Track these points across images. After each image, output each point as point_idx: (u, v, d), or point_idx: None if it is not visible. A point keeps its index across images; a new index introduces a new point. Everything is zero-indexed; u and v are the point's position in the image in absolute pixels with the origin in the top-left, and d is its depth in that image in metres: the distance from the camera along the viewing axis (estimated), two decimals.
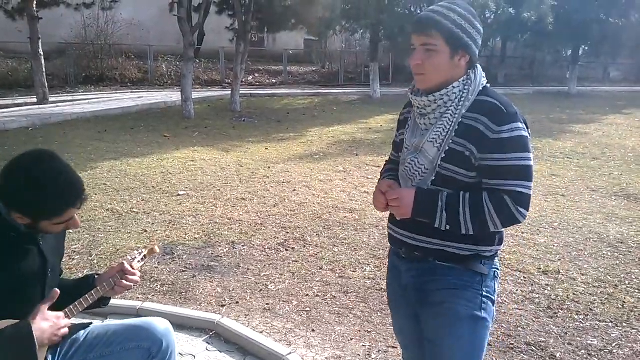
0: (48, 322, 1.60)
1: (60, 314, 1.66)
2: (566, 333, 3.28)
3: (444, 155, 1.68)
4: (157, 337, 1.93)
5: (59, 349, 1.86)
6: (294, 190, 6.60)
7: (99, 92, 17.07)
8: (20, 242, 1.63)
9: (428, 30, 1.66)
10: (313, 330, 3.29)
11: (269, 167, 7.85)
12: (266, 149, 9.38)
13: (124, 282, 1.87)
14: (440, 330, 1.76)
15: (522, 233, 5.09)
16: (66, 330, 1.66)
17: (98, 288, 1.82)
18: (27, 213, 1.59)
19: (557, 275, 4.14)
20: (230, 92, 14.59)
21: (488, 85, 1.75)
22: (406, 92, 1.85)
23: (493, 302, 1.79)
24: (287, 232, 5.07)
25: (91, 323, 1.98)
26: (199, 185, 6.69)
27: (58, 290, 1.69)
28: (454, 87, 1.69)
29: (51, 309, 1.66)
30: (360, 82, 22.03)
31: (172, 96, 15.42)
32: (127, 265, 1.90)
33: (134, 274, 1.90)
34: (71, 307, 1.74)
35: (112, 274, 1.90)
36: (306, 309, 3.57)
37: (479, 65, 1.74)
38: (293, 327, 3.33)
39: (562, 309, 3.59)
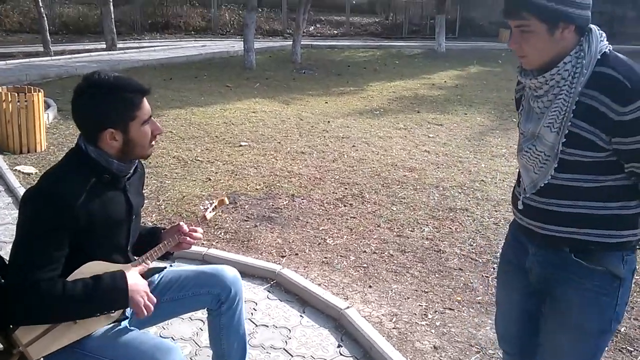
0: (140, 284, 1.71)
1: (147, 285, 1.76)
2: None
3: (564, 139, 1.50)
4: (226, 285, 2.02)
5: None
6: (353, 146, 6.58)
7: (164, 40, 17.40)
8: (110, 187, 1.73)
9: (517, 13, 1.48)
10: (370, 287, 3.35)
11: (329, 122, 7.83)
12: (326, 102, 9.34)
13: (188, 239, 1.94)
14: (562, 337, 1.64)
15: None
16: (151, 308, 1.73)
17: (165, 243, 1.90)
18: (115, 118, 1.67)
19: None
20: (291, 43, 14.50)
21: (608, 50, 1.50)
22: (473, 47, 1.73)
23: (626, 304, 1.63)
24: (346, 188, 5.10)
25: (165, 268, 2.09)
26: (260, 137, 6.79)
27: (149, 260, 1.84)
28: (565, 64, 1.49)
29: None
30: (424, 35, 21.28)
31: (235, 45, 15.51)
32: (185, 227, 1.95)
33: (195, 231, 1.96)
34: (141, 259, 1.83)
35: (175, 232, 1.97)
36: (363, 265, 3.63)
37: (593, 28, 1.51)
38: (350, 282, 3.40)
39: None
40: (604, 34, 1.53)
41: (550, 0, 1.44)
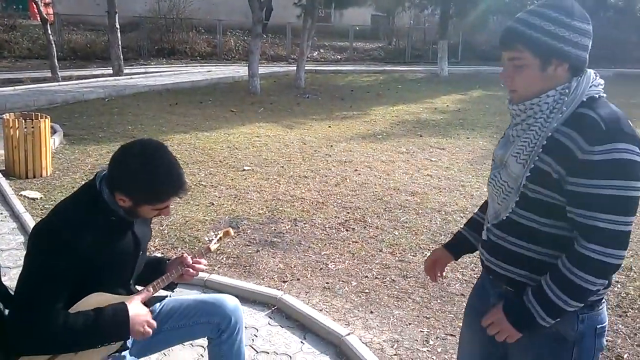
0: (141, 314, 1.73)
1: (149, 313, 1.78)
2: (635, 334, 3.16)
3: (529, 174, 1.45)
4: (226, 314, 2.04)
5: None
6: (356, 170, 6.62)
7: (170, 65, 17.63)
8: (118, 226, 1.76)
9: (511, 45, 1.48)
10: (371, 312, 3.35)
11: (332, 146, 7.89)
12: (329, 126, 9.42)
13: (191, 270, 1.97)
14: None
15: None
16: (150, 331, 1.74)
17: (168, 274, 1.93)
18: (134, 196, 1.69)
19: (628, 272, 3.96)
20: (295, 68, 14.67)
21: (600, 96, 1.46)
22: (475, 71, 1.75)
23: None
24: (348, 212, 5.12)
25: (166, 297, 2.11)
26: (263, 161, 6.84)
27: (152, 290, 1.86)
28: (547, 96, 1.46)
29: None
30: (427, 60, 21.50)
31: (240, 71, 15.70)
32: (188, 259, 1.99)
33: (198, 263, 2.00)
34: (144, 290, 1.86)
35: (178, 263, 2.01)
36: (365, 291, 3.62)
37: (589, 72, 1.49)
38: (352, 308, 3.39)
39: (632, 309, 3.45)
40: (601, 82, 1.49)
41: (546, 35, 1.43)
